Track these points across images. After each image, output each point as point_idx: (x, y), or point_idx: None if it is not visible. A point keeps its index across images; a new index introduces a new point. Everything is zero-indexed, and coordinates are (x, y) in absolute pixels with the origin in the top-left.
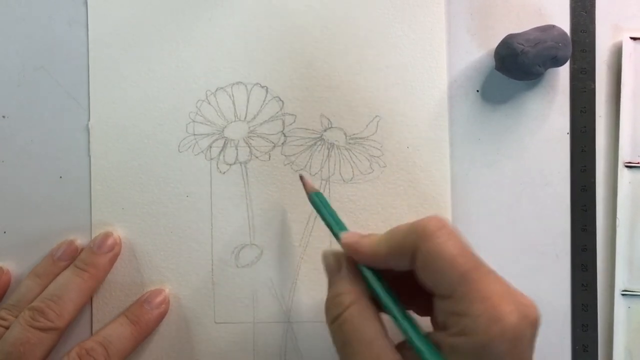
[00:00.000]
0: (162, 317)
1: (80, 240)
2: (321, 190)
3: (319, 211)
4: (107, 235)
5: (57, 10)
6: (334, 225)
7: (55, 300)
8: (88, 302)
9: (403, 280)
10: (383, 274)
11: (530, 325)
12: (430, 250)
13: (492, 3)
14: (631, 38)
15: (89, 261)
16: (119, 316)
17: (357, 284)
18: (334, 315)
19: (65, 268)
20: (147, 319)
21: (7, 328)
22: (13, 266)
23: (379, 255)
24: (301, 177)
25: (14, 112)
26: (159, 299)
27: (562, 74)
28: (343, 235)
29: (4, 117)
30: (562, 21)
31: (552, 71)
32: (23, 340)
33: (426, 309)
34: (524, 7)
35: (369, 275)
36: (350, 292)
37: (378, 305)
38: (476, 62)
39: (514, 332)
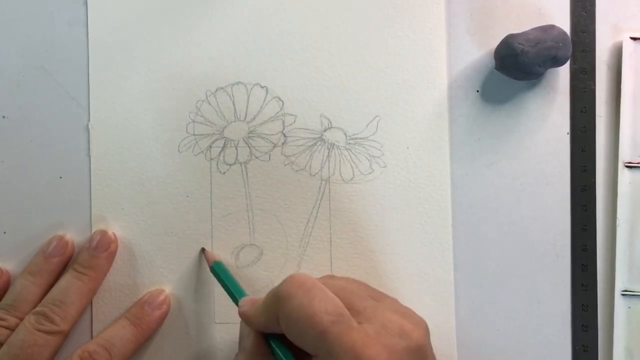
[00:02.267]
0: (163, 317)
1: (76, 238)
2: (321, 190)
3: (220, 280)
4: (102, 233)
5: (57, 10)
6: (234, 293)
7: (58, 304)
8: (89, 303)
9: None
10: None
11: (408, 352)
12: (288, 314)
13: (492, 3)
14: (631, 38)
15: (87, 264)
16: (120, 318)
17: (257, 354)
18: None
19: (57, 264)
20: (148, 320)
21: (6, 328)
22: (13, 266)
23: (260, 322)
24: (203, 250)
25: (14, 112)
26: (159, 299)
27: (562, 74)
28: (240, 302)
29: (4, 117)
30: (562, 21)
31: (552, 71)
32: (30, 342)
33: None
34: (524, 7)
35: (273, 344)
36: None
37: None
38: (476, 62)
39: None
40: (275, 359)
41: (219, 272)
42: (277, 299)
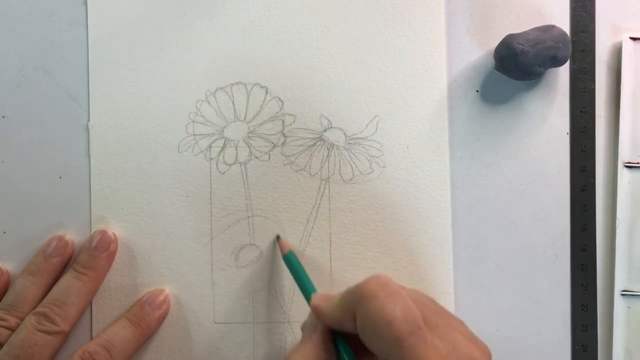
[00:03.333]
0: (163, 317)
1: (76, 238)
2: (321, 190)
3: (292, 270)
4: (102, 234)
5: (57, 10)
6: (306, 284)
7: (59, 305)
8: (90, 303)
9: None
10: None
11: None
12: (367, 314)
13: (492, 3)
14: (631, 38)
15: (87, 264)
16: (120, 318)
17: (323, 349)
18: None
19: (57, 264)
20: (148, 321)
21: (6, 328)
22: (13, 266)
23: (335, 319)
24: (277, 238)
25: (14, 112)
26: (159, 299)
27: (562, 74)
28: (312, 297)
29: (4, 117)
30: (562, 21)
31: (551, 71)
32: (31, 343)
33: None
34: (524, 7)
35: (339, 343)
36: (310, 355)
37: None
38: (476, 62)
39: None
40: (338, 357)
41: (292, 262)
42: (358, 297)
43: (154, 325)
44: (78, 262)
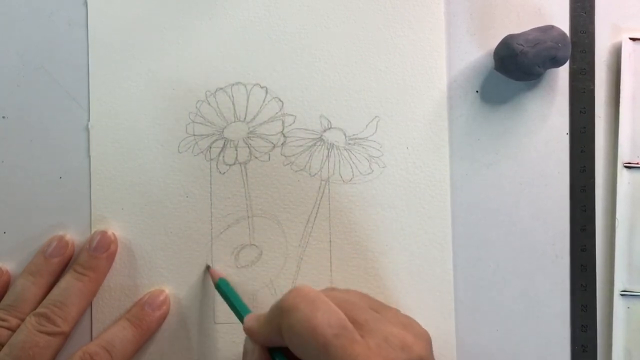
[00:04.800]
0: (163, 318)
1: (76, 238)
2: (321, 191)
3: (225, 297)
4: (102, 234)
5: (57, 10)
6: (239, 309)
7: (59, 305)
8: (90, 304)
9: None
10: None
11: None
12: (291, 326)
13: (492, 3)
14: (630, 39)
15: (87, 265)
16: (120, 319)
17: None
18: None
19: (57, 264)
20: (148, 321)
21: (7, 328)
22: (13, 266)
23: (265, 336)
24: (207, 267)
25: (14, 112)
26: (159, 300)
27: (562, 75)
28: (245, 318)
29: (4, 117)
30: (562, 22)
31: (551, 72)
32: (32, 344)
33: None
34: (524, 7)
35: (277, 358)
36: None
37: None
38: (475, 62)
39: None
40: None
41: (224, 289)
42: (280, 311)
43: (154, 325)
44: (78, 262)
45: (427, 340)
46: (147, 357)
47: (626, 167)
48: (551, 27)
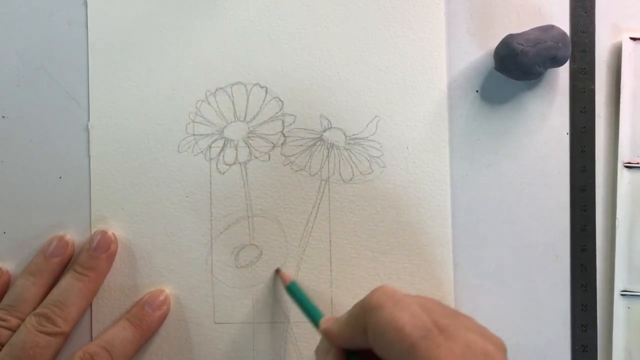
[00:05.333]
0: (163, 318)
1: (76, 238)
2: (321, 190)
3: (297, 300)
4: (102, 234)
5: (57, 10)
6: (311, 312)
7: (60, 305)
8: (90, 304)
9: None
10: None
11: None
12: (377, 325)
13: (492, 3)
14: (631, 38)
15: (87, 265)
16: (120, 319)
17: None
18: None
19: (57, 264)
20: (148, 321)
21: (7, 329)
22: (13, 266)
23: (345, 337)
24: (277, 271)
25: (14, 112)
26: (159, 300)
27: (562, 74)
28: (320, 321)
29: (4, 117)
30: (562, 21)
31: (551, 71)
32: (32, 344)
33: None
34: (524, 7)
35: None
36: None
37: None
38: (476, 62)
39: None
40: None
41: (296, 292)
42: (365, 310)
43: (154, 325)
44: (78, 262)
45: (504, 350)
46: (147, 357)
47: (626, 167)
48: (551, 27)
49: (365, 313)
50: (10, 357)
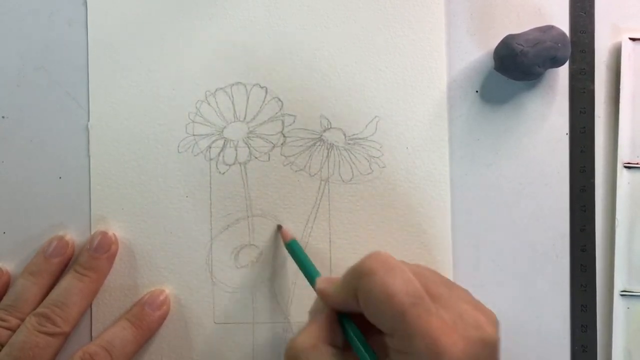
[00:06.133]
0: (163, 318)
1: (76, 238)
2: (320, 191)
3: (296, 258)
4: (103, 235)
5: (57, 10)
6: (309, 271)
7: (60, 305)
8: (90, 304)
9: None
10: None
11: (483, 345)
12: (368, 290)
13: (492, 3)
14: (630, 39)
15: (88, 265)
16: (120, 319)
17: (329, 330)
18: (290, 354)
19: (57, 264)
20: (149, 321)
21: (7, 329)
22: (12, 266)
23: (339, 299)
24: (279, 227)
25: (13, 112)
26: (159, 300)
27: (562, 75)
28: (317, 280)
29: (3, 117)
30: (562, 22)
31: (551, 72)
32: (32, 344)
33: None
34: (524, 7)
35: (346, 323)
36: (316, 336)
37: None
38: (475, 62)
39: None
40: (346, 338)
41: (295, 249)
42: (358, 274)
43: (154, 326)
44: (79, 263)
45: (497, 322)
46: (147, 357)
47: (626, 167)
48: (551, 27)
49: (357, 278)
50: (10, 357)
